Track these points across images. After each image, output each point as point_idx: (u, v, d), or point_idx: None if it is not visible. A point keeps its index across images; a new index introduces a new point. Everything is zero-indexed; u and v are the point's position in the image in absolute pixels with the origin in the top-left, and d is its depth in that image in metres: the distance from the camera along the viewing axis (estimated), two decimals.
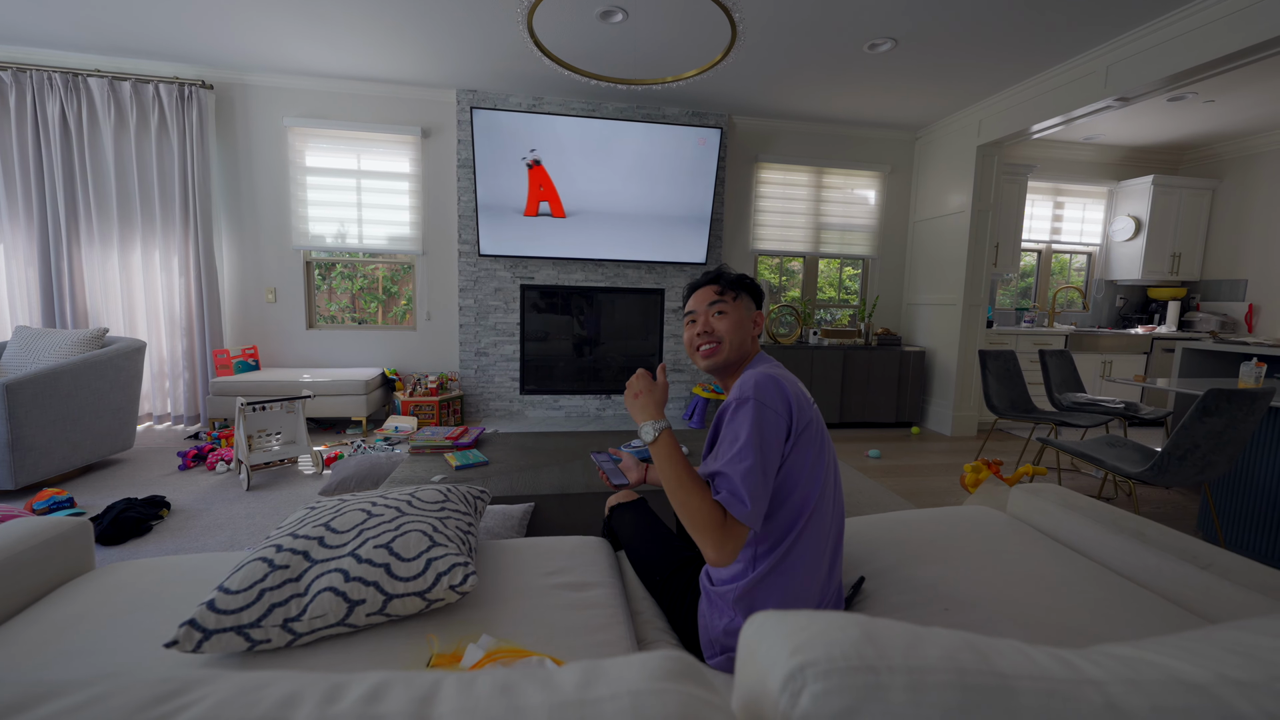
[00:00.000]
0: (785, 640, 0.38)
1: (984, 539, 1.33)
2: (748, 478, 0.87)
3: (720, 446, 0.94)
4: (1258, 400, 1.81)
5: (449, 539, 1.01)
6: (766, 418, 0.91)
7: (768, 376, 0.96)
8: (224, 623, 0.81)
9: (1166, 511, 2.66)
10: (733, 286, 1.13)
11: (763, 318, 1.18)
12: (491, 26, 3.01)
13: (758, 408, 0.91)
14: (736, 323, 1.11)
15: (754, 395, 0.92)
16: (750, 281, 1.16)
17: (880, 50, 3.16)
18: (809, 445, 0.95)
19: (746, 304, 1.14)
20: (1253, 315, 4.56)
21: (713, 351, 1.10)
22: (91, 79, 3.50)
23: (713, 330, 1.11)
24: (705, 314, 1.13)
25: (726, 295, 1.12)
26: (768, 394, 0.93)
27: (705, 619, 0.98)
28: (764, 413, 0.91)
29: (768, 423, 0.91)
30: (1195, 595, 1.04)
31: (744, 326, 1.12)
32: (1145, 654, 0.47)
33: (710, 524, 0.89)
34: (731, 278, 1.15)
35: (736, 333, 1.10)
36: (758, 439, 0.89)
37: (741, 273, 1.18)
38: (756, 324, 1.15)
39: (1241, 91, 3.67)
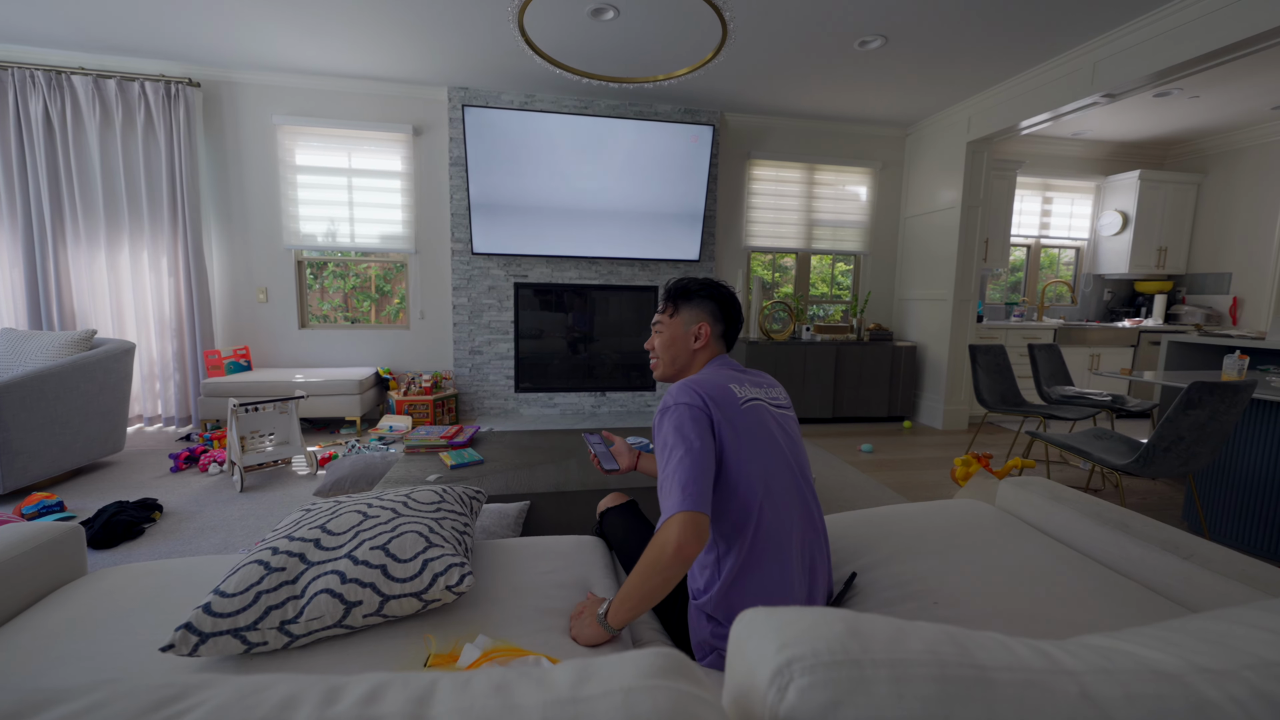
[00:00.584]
0: (773, 636, 0.39)
1: (973, 532, 1.35)
2: (680, 468, 0.91)
3: (658, 458, 0.99)
4: (1240, 393, 1.85)
5: (445, 540, 1.01)
6: (682, 414, 0.97)
7: (681, 384, 1.03)
8: (220, 626, 0.82)
9: (1153, 502, 2.71)
10: (672, 299, 1.20)
11: (708, 329, 1.17)
12: (483, 24, 3.00)
13: (675, 410, 0.98)
14: (669, 339, 1.19)
15: (669, 402, 1.01)
16: (700, 289, 1.19)
17: (870, 47, 3.17)
18: (744, 434, 0.98)
19: (688, 316, 1.19)
20: (1237, 308, 4.63)
21: (654, 367, 1.22)
22: (75, 77, 3.45)
23: (652, 345, 1.22)
24: (652, 334, 1.23)
25: (666, 310, 1.21)
26: (680, 396, 1.00)
27: (694, 622, 1.01)
28: (680, 411, 0.98)
29: (684, 418, 0.96)
30: (1177, 585, 1.07)
31: (677, 341, 1.18)
32: (1121, 644, 0.49)
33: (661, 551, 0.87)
34: (673, 288, 1.21)
35: (669, 349, 1.19)
36: (679, 439, 0.95)
37: (694, 279, 1.22)
38: (699, 336, 1.17)
39: (1225, 87, 3.72)
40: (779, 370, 4.21)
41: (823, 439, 3.87)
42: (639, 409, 4.48)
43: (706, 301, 1.19)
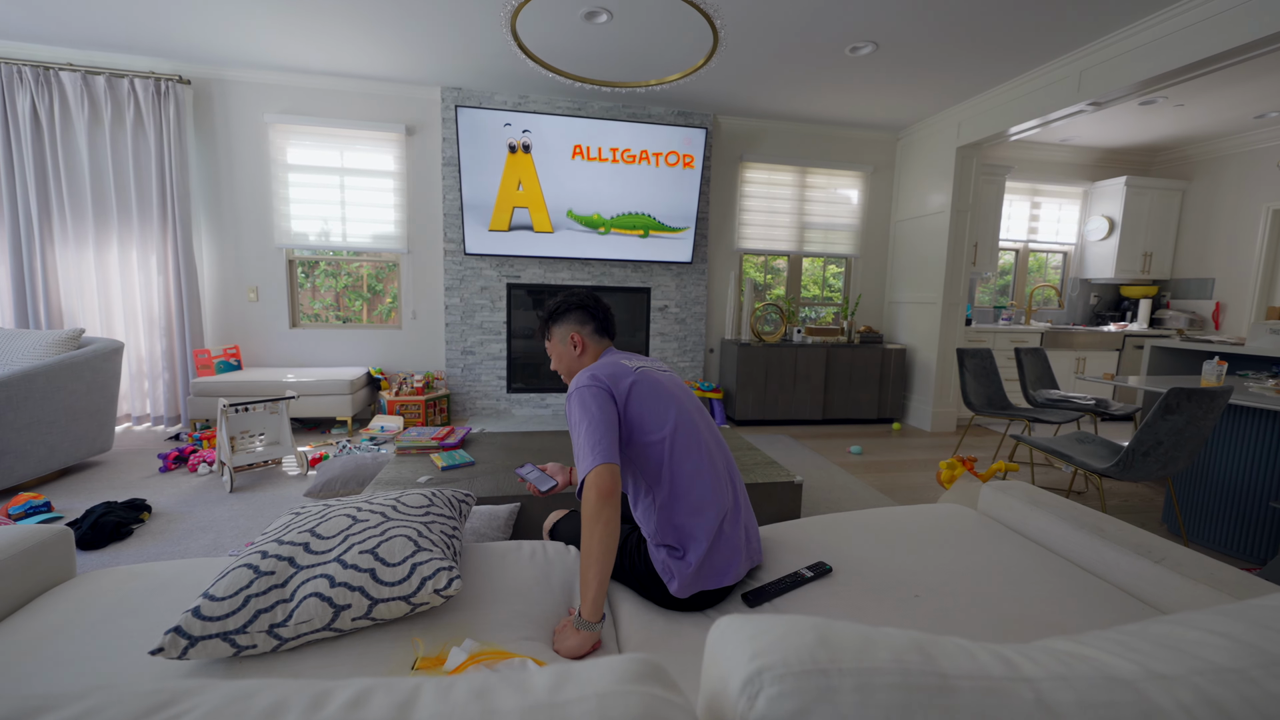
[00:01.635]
0: (746, 644, 0.41)
1: (954, 533, 1.38)
2: (588, 434, 1.10)
3: (572, 437, 1.17)
4: (1217, 398, 1.89)
5: (434, 544, 1.02)
6: (585, 397, 1.15)
7: (583, 373, 1.23)
8: (210, 629, 0.82)
9: (1134, 505, 2.76)
10: (543, 326, 1.43)
11: (579, 335, 1.38)
12: (476, 25, 3.00)
13: (576, 393, 1.17)
14: (557, 358, 1.43)
15: (571, 389, 1.20)
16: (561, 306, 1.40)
17: (861, 53, 3.20)
18: (644, 396, 1.20)
19: (560, 333, 1.40)
20: (1219, 313, 4.72)
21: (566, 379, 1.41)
22: (64, 73, 3.42)
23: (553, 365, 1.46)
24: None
25: (546, 339, 1.44)
26: (579, 381, 1.20)
27: (654, 558, 1.17)
28: (583, 395, 1.16)
29: (588, 399, 1.15)
30: (1148, 587, 1.10)
31: (563, 357, 1.41)
32: (1083, 649, 0.51)
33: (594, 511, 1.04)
34: (542, 318, 1.44)
35: (560, 364, 1.43)
36: (583, 413, 1.13)
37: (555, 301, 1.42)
38: (576, 344, 1.39)
39: (1210, 96, 3.78)
40: (770, 371, 4.23)
41: (812, 440, 3.90)
42: None
43: (570, 312, 1.39)
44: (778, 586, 1.15)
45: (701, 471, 1.17)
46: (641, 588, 1.18)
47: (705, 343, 4.60)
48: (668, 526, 1.15)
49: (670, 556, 1.13)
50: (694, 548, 1.12)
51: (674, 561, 1.13)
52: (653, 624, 1.09)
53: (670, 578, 1.13)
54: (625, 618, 1.11)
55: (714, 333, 4.69)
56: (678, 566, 1.12)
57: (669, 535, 1.14)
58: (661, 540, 1.15)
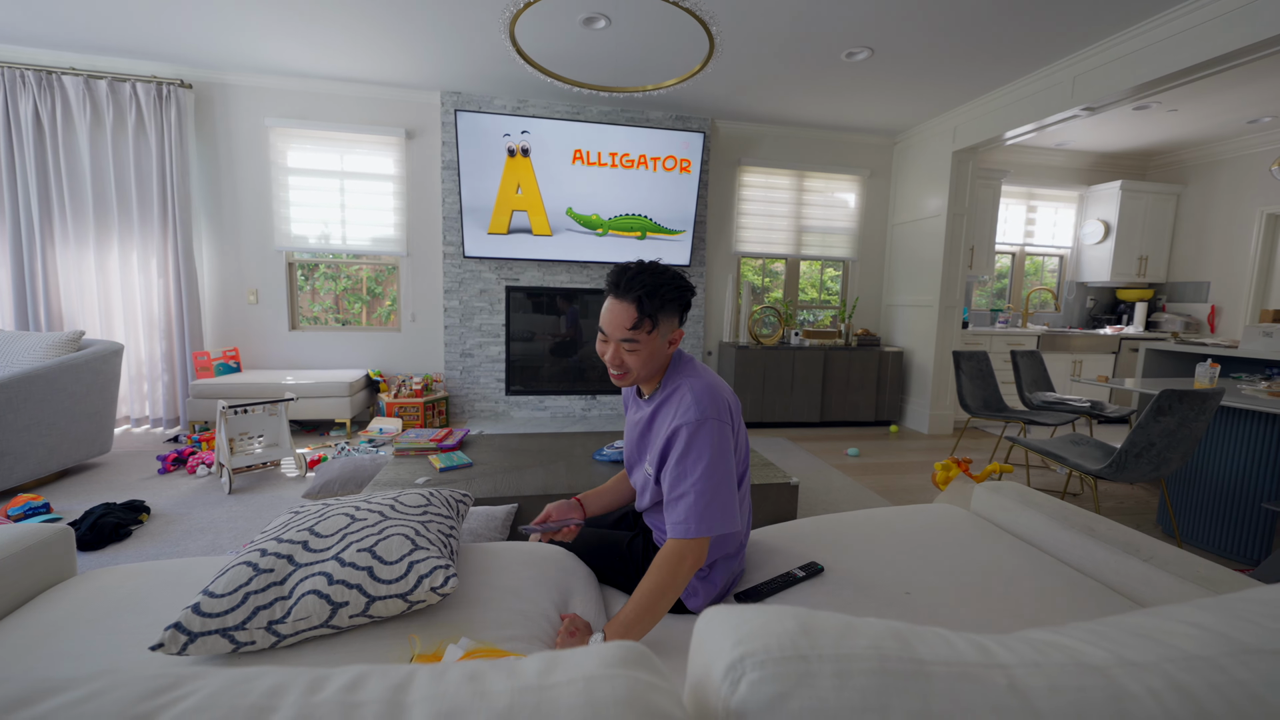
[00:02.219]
0: (730, 632, 0.42)
1: (947, 533, 1.39)
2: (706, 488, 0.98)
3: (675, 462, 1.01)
4: (1209, 400, 1.91)
5: (431, 542, 1.04)
6: (717, 433, 1.00)
7: (713, 391, 1.04)
8: (209, 625, 0.84)
9: (1129, 506, 2.77)
10: (652, 316, 1.02)
11: (681, 334, 1.11)
12: (476, 30, 3.03)
13: (710, 428, 1.00)
14: (648, 355, 1.06)
15: (706, 415, 1.01)
16: (675, 294, 1.06)
17: (857, 59, 3.23)
18: (739, 433, 1.11)
19: (664, 327, 1.06)
20: (1214, 316, 4.74)
21: (622, 378, 1.11)
22: (66, 77, 3.44)
23: (622, 363, 1.07)
24: (616, 346, 1.05)
25: (641, 328, 1.03)
26: (720, 410, 1.03)
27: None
28: (715, 430, 1.00)
29: (718, 436, 1.01)
30: (1136, 585, 1.11)
31: (656, 355, 1.07)
32: (1059, 638, 0.52)
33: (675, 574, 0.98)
34: (653, 302, 1.02)
35: (647, 365, 1.07)
36: (706, 452, 0.99)
37: (669, 278, 1.05)
38: (674, 342, 1.10)
39: (1203, 101, 3.82)
40: (768, 375, 4.25)
41: (810, 443, 3.91)
42: None
43: (676, 305, 1.07)
44: (770, 586, 1.16)
45: (747, 501, 1.15)
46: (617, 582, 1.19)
47: (703, 345, 4.62)
48: (710, 552, 1.09)
49: (698, 579, 1.11)
50: (723, 567, 1.12)
51: (700, 583, 1.11)
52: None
53: (692, 595, 1.11)
54: None
55: (712, 335, 4.71)
56: (704, 587, 1.11)
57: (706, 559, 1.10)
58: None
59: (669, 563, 0.98)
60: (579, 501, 1.34)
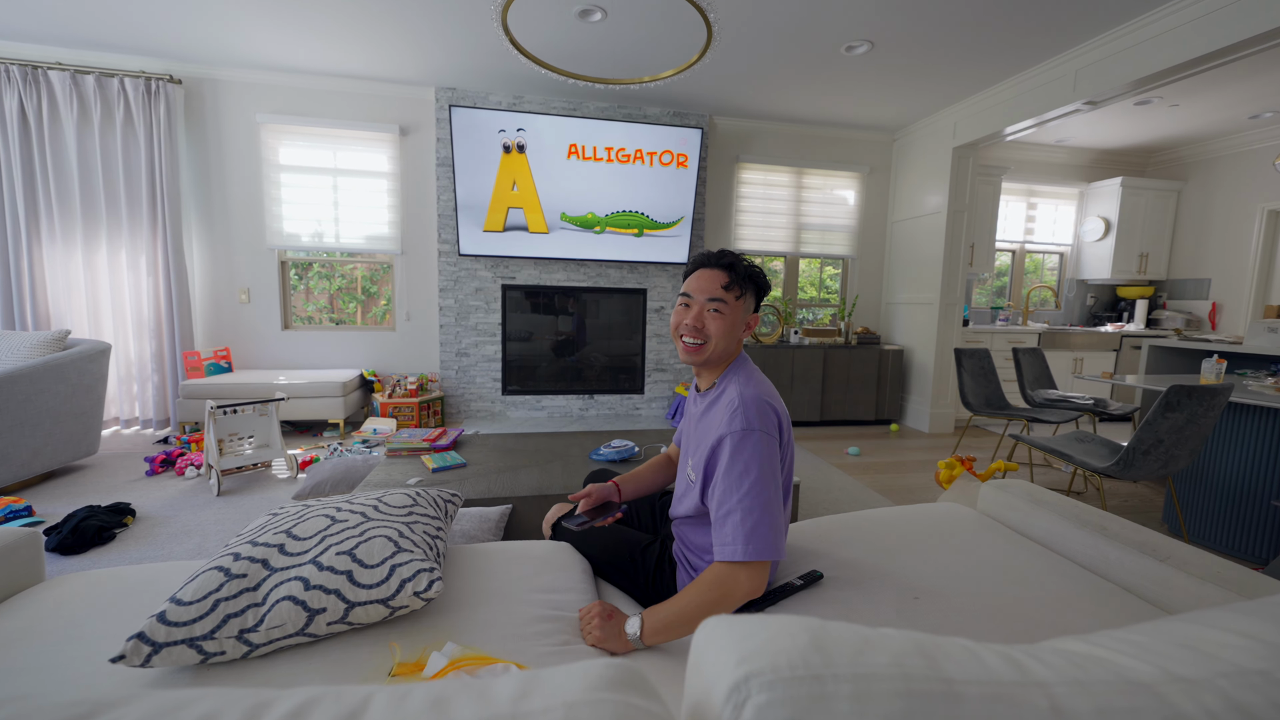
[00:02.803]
0: (733, 648, 0.37)
1: (954, 534, 1.34)
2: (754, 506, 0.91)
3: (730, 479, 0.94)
4: (1217, 396, 1.86)
5: (415, 544, 0.98)
6: (764, 446, 0.94)
7: (762, 403, 0.98)
8: (175, 635, 0.78)
9: (1134, 504, 2.73)
10: (741, 282, 1.06)
11: (757, 320, 1.13)
12: (470, 23, 2.97)
13: (757, 440, 0.94)
14: (730, 326, 1.06)
15: (758, 427, 0.95)
16: (761, 278, 1.10)
17: (857, 52, 3.19)
18: (787, 447, 1.02)
19: (748, 304, 1.10)
20: (1216, 313, 4.71)
21: (697, 349, 1.07)
22: (52, 72, 3.38)
23: (703, 327, 1.05)
24: (701, 307, 1.06)
25: (732, 291, 1.06)
26: (768, 423, 0.96)
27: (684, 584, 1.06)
28: (762, 442, 0.94)
29: (765, 451, 0.94)
30: (1154, 587, 1.07)
31: (736, 330, 1.08)
32: (1095, 649, 0.47)
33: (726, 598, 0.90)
34: (745, 270, 1.07)
35: (727, 337, 1.06)
36: (754, 466, 0.93)
37: (750, 263, 1.10)
38: (749, 326, 1.11)
39: (1203, 96, 3.78)
40: (767, 373, 4.17)
41: (810, 442, 3.87)
42: (627, 412, 4.46)
43: (757, 289, 1.11)
44: (768, 598, 1.12)
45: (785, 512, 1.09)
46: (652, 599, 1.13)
47: None
48: None
49: None
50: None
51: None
52: None
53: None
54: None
55: None
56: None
57: None
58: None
59: (720, 585, 0.90)
60: (616, 485, 1.32)
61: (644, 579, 1.13)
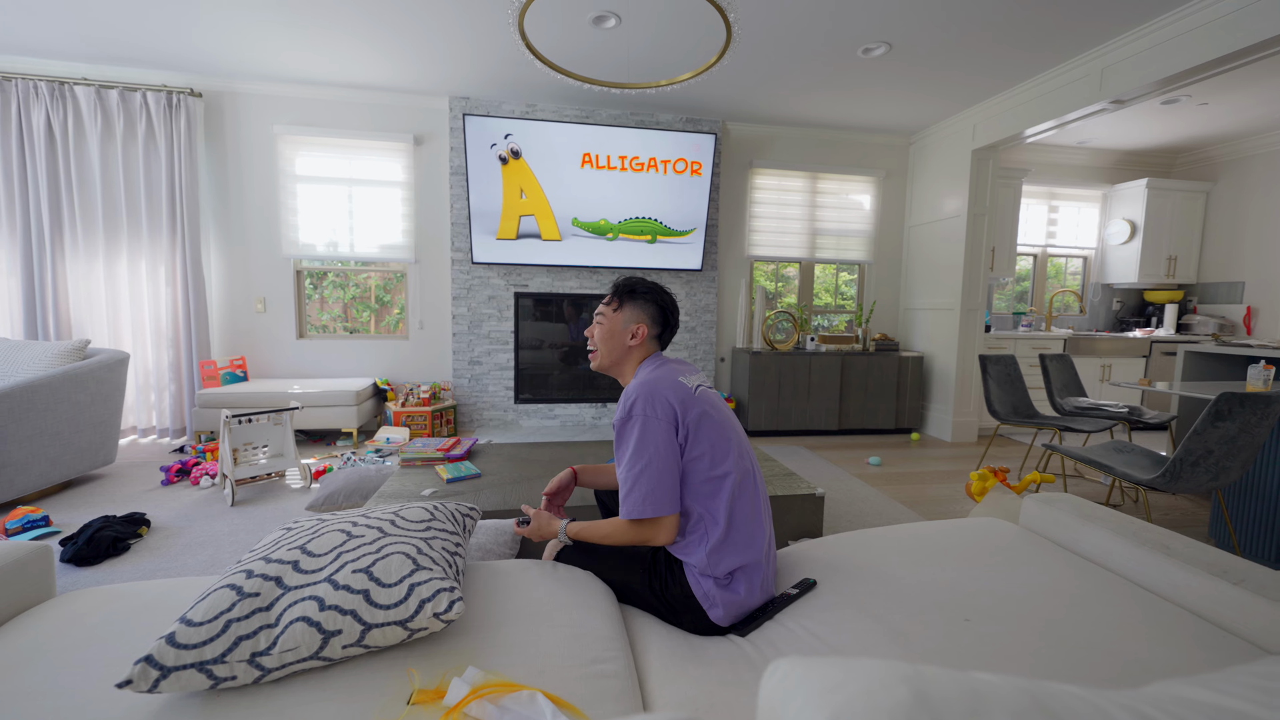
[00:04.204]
0: (820, 703, 0.32)
1: (997, 550, 1.27)
2: (644, 477, 1.05)
3: (620, 459, 1.10)
4: (1272, 404, 1.77)
5: (434, 561, 0.94)
6: (650, 428, 1.07)
7: (644, 386, 1.11)
8: (184, 659, 0.74)
9: (1175, 518, 2.61)
10: (619, 294, 1.26)
11: (644, 329, 1.25)
12: (483, 33, 2.98)
13: (640, 423, 1.07)
14: (609, 331, 1.25)
15: (638, 411, 1.08)
16: (644, 289, 1.27)
17: (874, 55, 3.14)
18: (710, 430, 1.10)
19: (629, 314, 1.25)
20: (1251, 317, 4.55)
21: (592, 355, 1.27)
22: (78, 87, 3.44)
23: (591, 335, 1.27)
24: (594, 320, 1.28)
25: (610, 304, 1.26)
26: (648, 405, 1.08)
27: (695, 580, 1.10)
28: (647, 424, 1.07)
29: (652, 430, 1.06)
30: (1227, 612, 0.98)
31: (615, 335, 1.24)
32: (1223, 699, 0.41)
33: (636, 535, 1.09)
34: (620, 286, 1.27)
35: (607, 341, 1.25)
36: (642, 445, 1.06)
37: (643, 281, 1.28)
38: (636, 334, 1.24)
39: (1235, 94, 3.68)
40: (783, 381, 4.13)
41: (829, 451, 3.78)
42: None
43: (650, 305, 1.26)
44: (767, 609, 1.09)
45: (756, 507, 1.13)
46: (670, 612, 1.11)
47: (716, 351, 4.51)
48: (719, 561, 1.07)
49: (717, 587, 1.08)
50: (743, 578, 1.08)
51: (721, 591, 1.08)
52: (675, 649, 1.00)
53: (713, 605, 1.08)
54: (644, 643, 1.01)
55: (725, 341, 4.60)
56: (724, 596, 1.07)
57: (718, 568, 1.08)
58: (709, 572, 1.08)
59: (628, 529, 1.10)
60: (574, 472, 1.42)
61: (658, 586, 1.12)
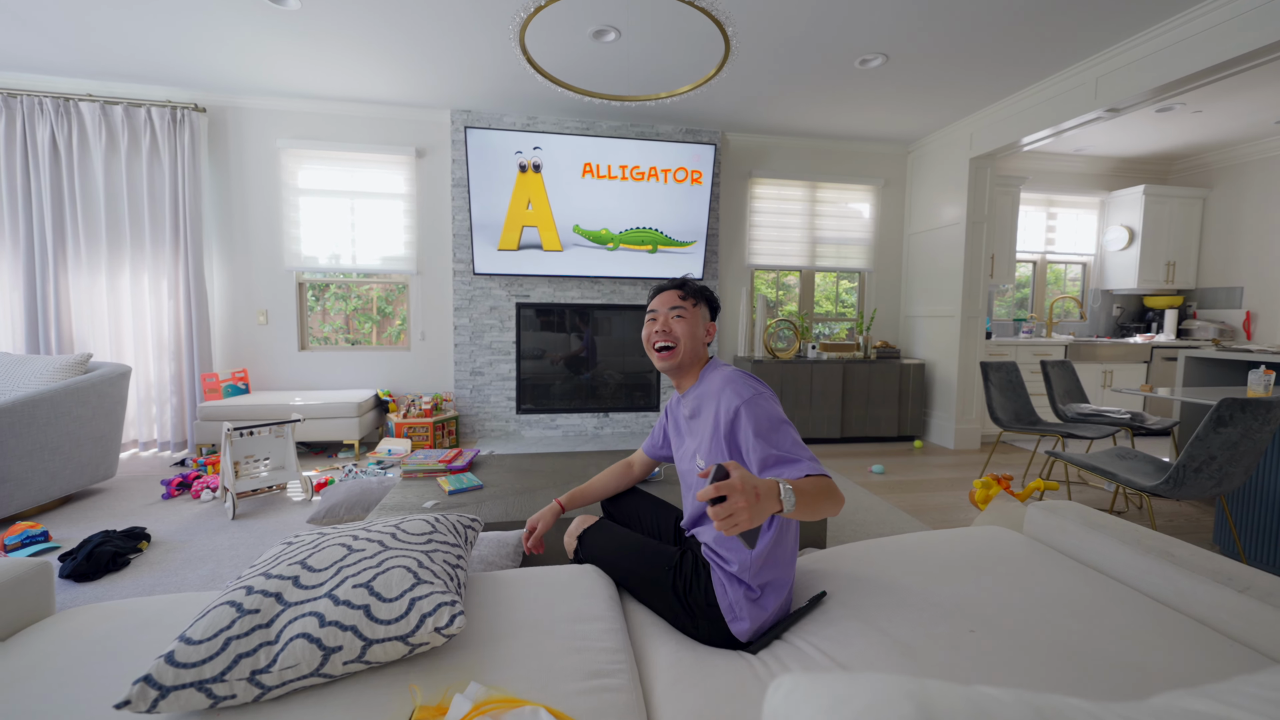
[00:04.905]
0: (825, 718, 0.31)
1: (1001, 559, 1.26)
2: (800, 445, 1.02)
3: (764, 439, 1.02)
4: (1273, 409, 1.76)
5: (436, 575, 0.93)
6: (775, 404, 1.07)
7: (743, 376, 1.11)
8: (183, 678, 0.74)
9: (1179, 525, 2.59)
10: (694, 295, 1.27)
11: (715, 329, 1.30)
12: (484, 47, 3.01)
13: (769, 398, 1.07)
14: (692, 327, 1.23)
15: (758, 388, 1.08)
16: (710, 294, 1.31)
17: (871, 66, 3.17)
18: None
19: (704, 313, 1.28)
20: (1250, 322, 4.55)
21: (670, 353, 1.23)
22: (83, 103, 3.48)
23: (670, 330, 1.22)
24: (665, 315, 1.24)
25: (687, 301, 1.25)
26: (763, 386, 1.10)
27: (722, 588, 1.06)
28: (772, 401, 1.07)
29: (776, 406, 1.07)
30: (1234, 620, 0.98)
31: (698, 331, 1.24)
32: (1234, 713, 0.41)
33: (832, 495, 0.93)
34: (695, 286, 1.28)
35: (691, 338, 1.23)
36: (782, 419, 1.05)
37: (700, 283, 1.31)
38: (709, 333, 1.28)
39: (1228, 101, 3.71)
40: (785, 389, 4.13)
41: (832, 459, 3.76)
42: (642, 430, 4.39)
43: (709, 309, 1.30)
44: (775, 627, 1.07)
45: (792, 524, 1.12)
46: (687, 615, 1.08)
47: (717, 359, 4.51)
48: (759, 570, 1.05)
49: (746, 598, 1.05)
50: (772, 594, 1.06)
51: (749, 604, 1.05)
52: (681, 658, 0.99)
53: (737, 619, 1.05)
54: (650, 656, 1.00)
55: (726, 349, 4.60)
56: (752, 611, 1.05)
57: (759, 576, 1.05)
58: (745, 578, 1.05)
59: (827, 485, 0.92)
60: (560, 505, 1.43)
61: (683, 587, 1.10)
